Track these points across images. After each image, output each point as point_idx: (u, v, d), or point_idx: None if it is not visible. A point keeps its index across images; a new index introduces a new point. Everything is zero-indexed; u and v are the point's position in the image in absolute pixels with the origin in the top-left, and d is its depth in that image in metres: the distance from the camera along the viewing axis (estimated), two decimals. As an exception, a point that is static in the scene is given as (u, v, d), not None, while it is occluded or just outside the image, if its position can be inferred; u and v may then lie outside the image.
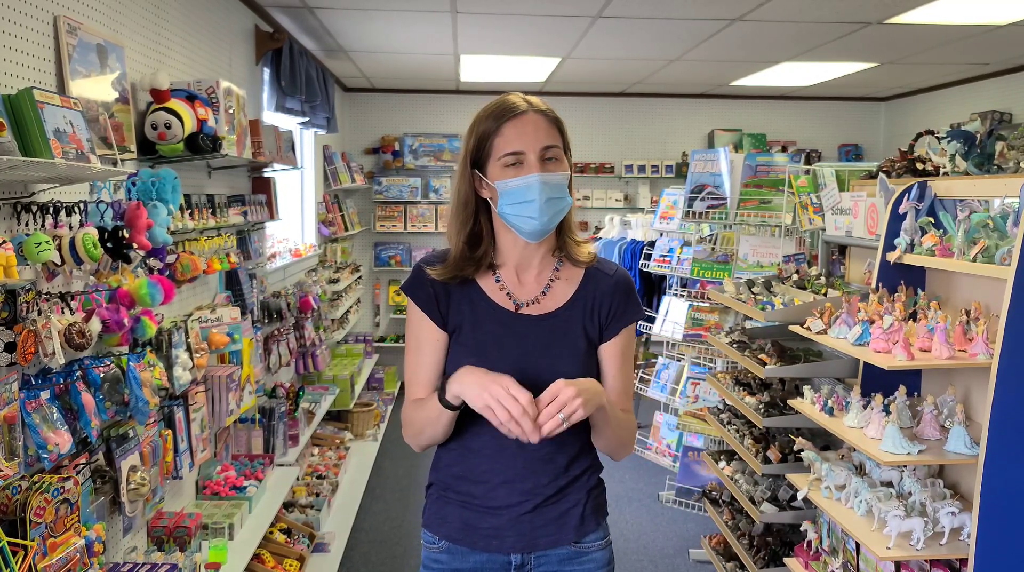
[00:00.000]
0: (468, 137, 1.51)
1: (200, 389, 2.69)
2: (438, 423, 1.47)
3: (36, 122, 1.65)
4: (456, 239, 1.55)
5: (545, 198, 1.44)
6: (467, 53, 5.41)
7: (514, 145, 1.45)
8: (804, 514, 2.90)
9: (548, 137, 1.47)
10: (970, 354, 2.06)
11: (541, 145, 1.46)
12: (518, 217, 1.47)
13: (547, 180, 1.45)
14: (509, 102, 1.49)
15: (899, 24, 4.40)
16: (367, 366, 6.27)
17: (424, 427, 1.51)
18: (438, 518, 1.57)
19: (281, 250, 4.51)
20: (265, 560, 3.30)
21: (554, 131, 1.48)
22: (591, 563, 1.56)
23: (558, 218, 1.49)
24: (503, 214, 1.49)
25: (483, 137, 1.48)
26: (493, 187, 1.48)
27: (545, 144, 1.46)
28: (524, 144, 1.45)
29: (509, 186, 1.45)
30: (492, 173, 1.48)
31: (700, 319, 4.60)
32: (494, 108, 1.49)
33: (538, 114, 1.48)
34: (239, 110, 2.99)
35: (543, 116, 1.48)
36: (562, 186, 1.48)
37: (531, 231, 1.48)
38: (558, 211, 1.48)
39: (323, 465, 4.72)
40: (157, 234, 2.24)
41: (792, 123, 7.54)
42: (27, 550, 1.63)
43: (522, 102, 1.48)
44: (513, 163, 1.46)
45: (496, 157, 1.47)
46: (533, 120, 1.47)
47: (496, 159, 1.47)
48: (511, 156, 1.46)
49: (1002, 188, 2.17)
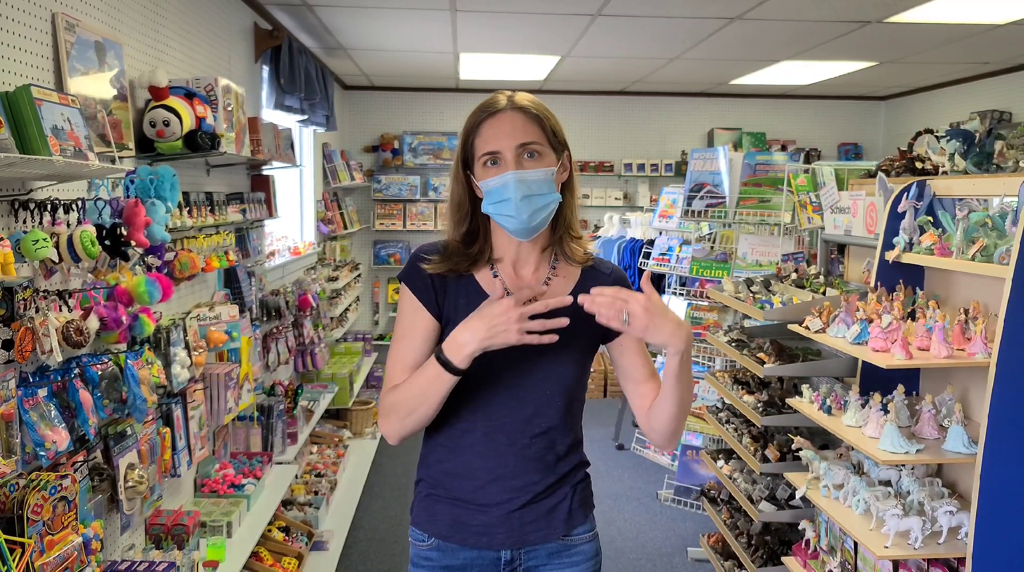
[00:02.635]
0: (460, 138, 1.52)
1: (198, 387, 2.69)
2: (433, 394, 1.41)
3: (34, 119, 1.65)
4: (451, 235, 1.56)
5: (520, 195, 1.43)
6: (466, 51, 5.41)
7: (490, 144, 1.45)
8: (802, 513, 2.90)
9: (525, 134, 1.45)
10: (968, 353, 2.06)
11: (516, 142, 1.44)
12: (499, 216, 1.47)
13: (522, 178, 1.43)
14: (489, 101, 1.49)
15: (898, 23, 4.40)
16: (366, 364, 6.27)
17: (416, 404, 1.44)
18: (427, 515, 1.56)
19: (280, 248, 4.52)
20: (263, 558, 3.30)
21: (533, 127, 1.46)
22: (579, 555, 1.57)
23: (541, 215, 1.47)
24: (488, 213, 1.50)
25: (466, 138, 1.50)
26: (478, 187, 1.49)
27: (521, 141, 1.45)
28: (499, 143, 1.45)
29: (489, 186, 1.46)
30: (476, 173, 1.49)
31: (699, 318, 4.60)
32: (476, 108, 1.50)
33: (515, 111, 1.46)
34: (238, 108, 2.99)
35: (521, 113, 1.46)
36: (543, 182, 1.45)
37: (514, 229, 1.48)
38: (539, 208, 1.45)
39: (322, 463, 4.72)
40: (155, 232, 2.24)
41: (791, 122, 7.53)
42: (24, 548, 1.63)
43: (503, 100, 1.48)
44: (491, 162, 1.46)
45: (477, 157, 1.48)
46: (509, 118, 1.46)
47: (477, 159, 1.48)
48: (488, 156, 1.46)
49: (1001, 187, 2.17)
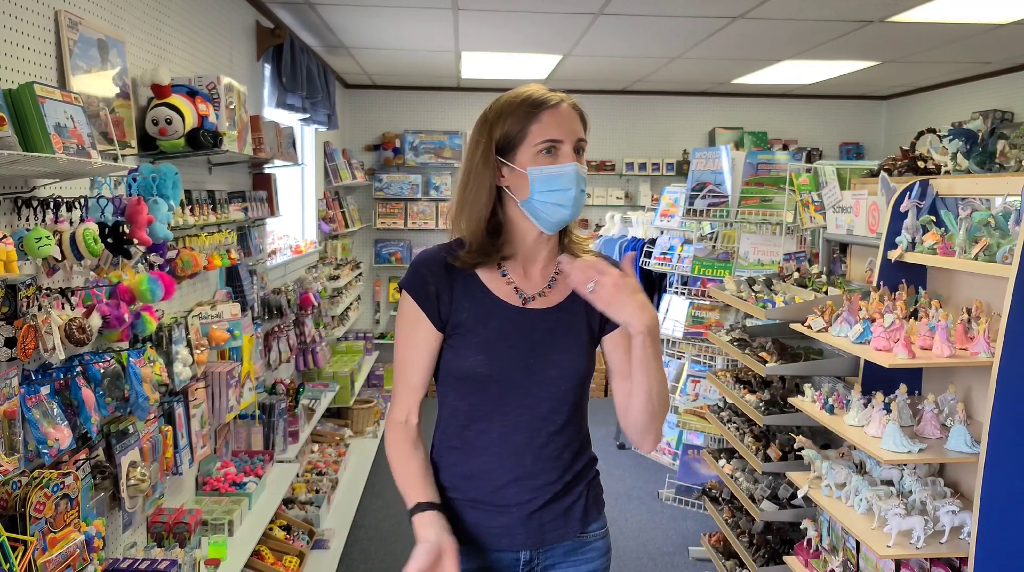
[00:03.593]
0: (493, 125, 1.47)
1: (200, 385, 2.69)
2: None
3: (37, 117, 1.65)
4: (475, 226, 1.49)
5: (579, 189, 1.46)
6: (468, 50, 5.40)
7: (553, 133, 1.45)
8: (804, 512, 2.90)
9: (581, 130, 1.49)
10: (971, 353, 2.06)
11: (577, 136, 1.47)
12: (547, 205, 1.46)
13: (582, 172, 1.47)
14: (542, 92, 1.48)
15: (900, 23, 4.39)
16: (367, 363, 6.27)
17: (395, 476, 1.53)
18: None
19: (281, 247, 4.51)
20: (264, 556, 3.30)
21: (582, 127, 1.50)
22: (593, 551, 1.57)
23: (580, 210, 1.50)
24: (531, 201, 1.46)
25: (517, 124, 1.46)
26: (523, 174, 1.45)
27: (580, 136, 1.48)
28: (562, 133, 1.45)
29: (544, 173, 1.45)
30: (523, 160, 1.46)
31: (701, 317, 4.60)
32: (526, 97, 1.47)
33: (572, 108, 1.49)
34: (240, 106, 2.99)
35: (576, 111, 1.50)
36: (586, 179, 1.51)
37: (558, 221, 1.48)
38: (583, 203, 1.49)
39: (323, 462, 4.72)
40: (158, 230, 2.24)
41: (793, 121, 7.53)
42: (27, 545, 1.63)
43: (555, 94, 1.49)
44: (549, 150, 1.45)
45: (532, 143, 1.45)
46: (568, 111, 1.48)
47: (531, 146, 1.45)
48: (549, 143, 1.45)
49: (1004, 187, 2.17)
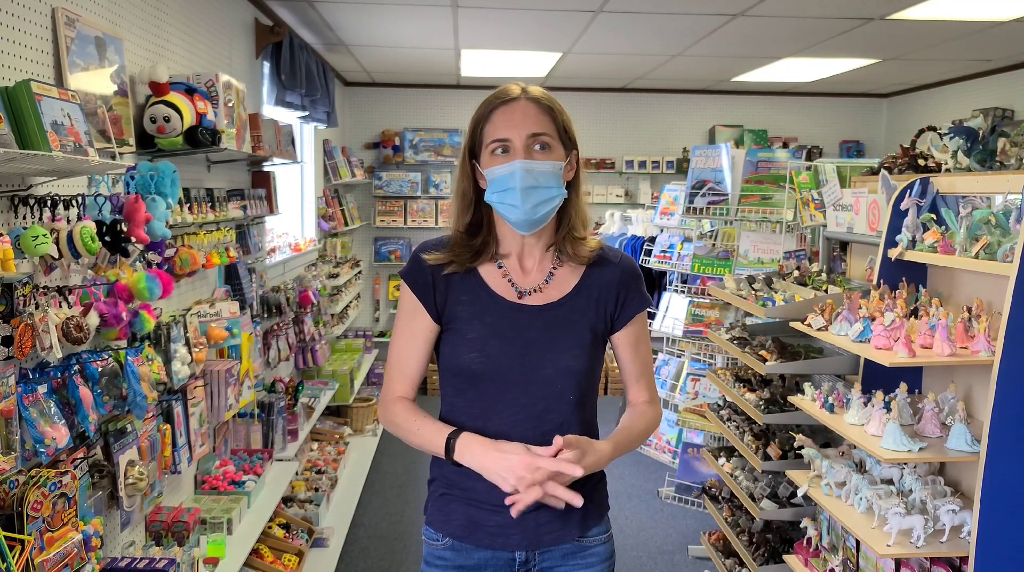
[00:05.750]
0: (471, 128, 1.50)
1: (199, 384, 2.68)
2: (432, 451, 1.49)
3: (34, 114, 1.64)
4: (455, 227, 1.55)
5: (526, 185, 1.41)
6: (468, 47, 5.40)
7: (501, 132, 1.44)
8: (804, 511, 2.89)
9: (537, 124, 1.44)
10: (972, 351, 2.05)
11: (528, 132, 1.43)
12: (502, 205, 1.45)
13: (530, 168, 1.42)
14: (503, 90, 1.48)
15: (901, 20, 4.39)
16: (367, 361, 6.26)
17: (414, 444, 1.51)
18: (442, 515, 1.54)
19: (281, 245, 4.51)
20: (264, 555, 3.30)
21: (545, 119, 1.45)
22: (593, 557, 1.55)
23: (544, 209, 1.45)
24: (491, 202, 1.48)
25: (476, 125, 1.48)
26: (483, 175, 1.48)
27: (532, 131, 1.43)
28: (510, 131, 1.43)
29: (495, 173, 1.45)
30: (483, 161, 1.48)
31: (700, 315, 4.60)
32: (489, 96, 1.49)
33: (529, 101, 1.45)
34: (239, 104, 2.98)
35: (534, 103, 1.45)
36: (549, 175, 1.44)
37: (516, 221, 1.46)
38: (544, 201, 1.44)
39: (322, 460, 4.72)
40: (156, 228, 2.23)
41: (794, 119, 7.52)
42: (24, 544, 1.62)
43: (516, 90, 1.47)
44: (500, 150, 1.44)
45: (486, 144, 1.46)
46: (522, 107, 1.45)
47: (486, 147, 1.46)
48: (497, 143, 1.44)
49: (1004, 185, 2.16)
